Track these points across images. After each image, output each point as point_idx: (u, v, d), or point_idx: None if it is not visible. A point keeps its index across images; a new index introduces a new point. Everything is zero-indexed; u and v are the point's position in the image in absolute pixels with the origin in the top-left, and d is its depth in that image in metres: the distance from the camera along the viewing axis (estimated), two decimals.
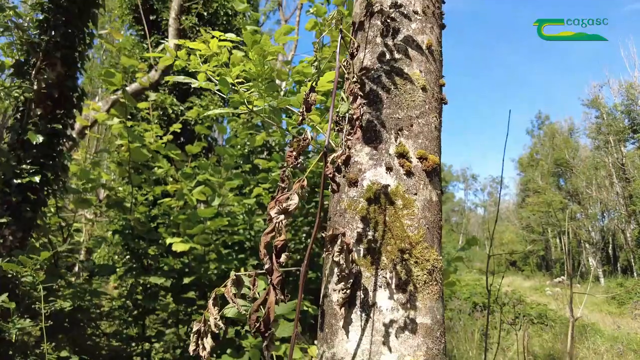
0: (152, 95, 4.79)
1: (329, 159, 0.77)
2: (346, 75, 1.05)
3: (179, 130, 4.30)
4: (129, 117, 3.79)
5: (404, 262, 1.01)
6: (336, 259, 0.96)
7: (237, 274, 0.79)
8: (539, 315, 12.16)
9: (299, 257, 3.75)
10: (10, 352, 2.33)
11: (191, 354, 0.80)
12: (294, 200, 0.71)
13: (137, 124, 3.66)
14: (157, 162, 3.56)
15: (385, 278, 0.99)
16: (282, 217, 0.71)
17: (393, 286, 0.99)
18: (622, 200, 25.69)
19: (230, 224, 3.39)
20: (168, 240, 2.79)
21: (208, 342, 0.79)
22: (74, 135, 3.96)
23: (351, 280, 0.97)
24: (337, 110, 0.84)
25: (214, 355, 3.16)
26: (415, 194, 1.09)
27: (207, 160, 4.58)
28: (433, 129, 1.20)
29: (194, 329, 0.80)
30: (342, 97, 0.85)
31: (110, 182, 3.58)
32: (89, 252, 6.14)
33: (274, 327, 0.77)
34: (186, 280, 2.96)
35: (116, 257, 4.29)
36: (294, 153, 0.83)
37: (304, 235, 3.40)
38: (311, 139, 0.80)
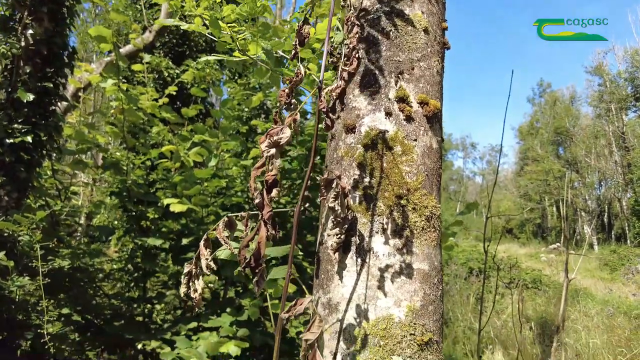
0: (147, 57, 4.66)
1: (324, 93, 0.72)
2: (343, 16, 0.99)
3: (174, 93, 4.20)
4: (123, 80, 3.70)
5: (401, 208, 0.99)
6: (331, 204, 0.93)
7: (229, 215, 0.77)
8: (533, 280, 12.41)
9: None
10: (12, 309, 2.35)
11: (182, 295, 0.79)
12: (286, 134, 0.68)
13: (132, 87, 3.58)
14: (153, 126, 3.50)
15: (382, 224, 0.97)
16: (273, 150, 0.67)
17: (389, 232, 0.97)
18: (620, 169, 25.73)
19: (228, 187, 3.37)
20: (165, 201, 2.77)
21: (199, 284, 0.78)
22: (68, 98, 3.86)
23: (346, 226, 0.95)
24: (332, 40, 0.79)
25: (215, 314, 3.21)
26: (415, 140, 1.05)
27: (204, 125, 4.52)
28: (435, 73, 1.15)
29: (185, 271, 0.78)
30: (337, 27, 0.80)
31: (107, 145, 3.53)
32: (89, 218, 6.16)
33: (267, 274, 0.75)
34: (185, 242, 2.96)
35: (116, 222, 4.30)
36: (287, 90, 0.78)
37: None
38: (305, 74, 0.76)
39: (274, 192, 0.68)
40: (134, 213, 3.03)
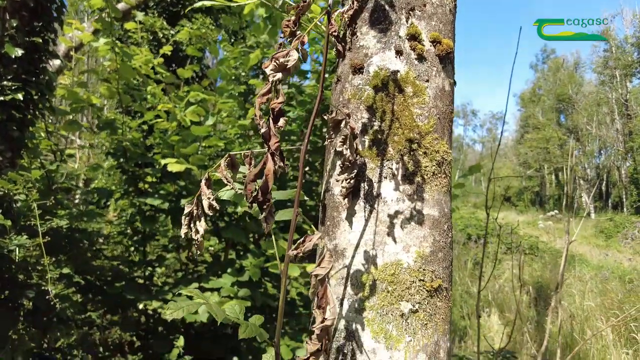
0: (140, 15, 4.48)
1: (334, 16, 0.65)
2: None
3: (169, 54, 4.07)
4: (116, 40, 3.55)
5: (411, 153, 0.93)
6: (339, 148, 0.88)
7: (231, 153, 0.71)
8: (530, 246, 12.57)
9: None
10: (13, 269, 2.34)
11: (182, 236, 0.75)
12: (293, 56, 0.62)
13: (126, 47, 3.44)
14: (147, 87, 3.39)
15: (391, 169, 0.92)
16: (279, 74, 0.61)
17: (399, 177, 0.92)
18: (621, 137, 25.60)
19: (226, 149, 3.31)
20: (163, 162, 2.72)
21: (202, 225, 0.73)
22: (60, 56, 3.73)
23: (355, 171, 0.90)
24: None
25: (216, 275, 3.23)
26: (427, 80, 0.99)
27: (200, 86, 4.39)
28: (447, 11, 1.06)
29: (186, 211, 0.73)
30: None
31: (104, 107, 3.43)
32: (87, 185, 6.12)
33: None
34: (183, 202, 2.93)
35: (114, 187, 4.26)
36: (292, 19, 0.71)
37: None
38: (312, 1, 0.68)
39: (281, 121, 0.62)
40: (131, 174, 2.98)
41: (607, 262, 12.17)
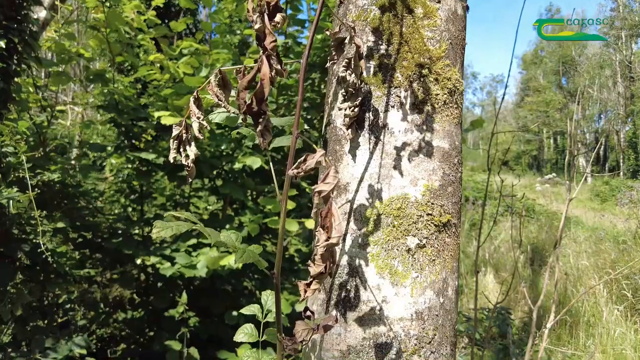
0: None
1: None
2: None
3: (161, 5, 3.87)
4: None
5: (421, 79, 0.85)
6: (342, 74, 0.80)
7: (223, 69, 0.63)
8: (527, 209, 12.65)
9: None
10: (6, 223, 2.30)
11: (171, 161, 0.68)
12: None
13: None
14: (139, 40, 3.23)
15: (399, 97, 0.85)
16: None
17: (407, 106, 0.85)
18: (623, 100, 25.30)
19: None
20: (156, 114, 2.62)
21: (192, 150, 0.67)
22: (45, 6, 3.54)
23: (359, 98, 0.82)
24: None
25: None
26: (439, 2, 0.89)
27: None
28: None
29: (174, 134, 0.66)
30: None
31: (94, 59, 3.28)
32: (82, 147, 6.02)
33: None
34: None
35: (109, 147, 4.18)
36: None
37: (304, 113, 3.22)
38: None
39: (278, 17, 0.54)
40: (124, 128, 2.89)
41: (601, 224, 12.31)
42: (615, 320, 4.75)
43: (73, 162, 2.71)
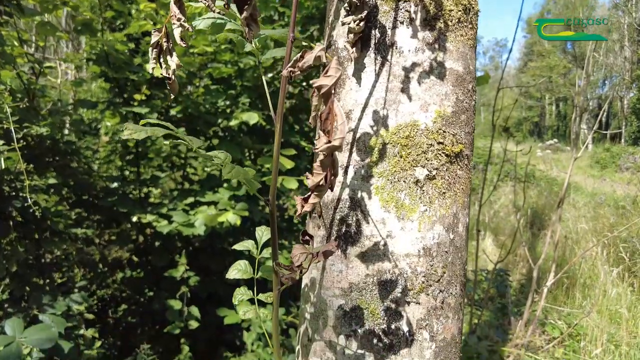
0: None
1: None
2: None
3: None
4: None
5: None
6: None
7: None
8: (526, 174, 12.60)
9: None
10: None
11: (150, 71, 0.60)
12: None
13: None
14: None
15: (409, 12, 0.75)
16: None
17: (418, 22, 0.75)
18: (629, 65, 24.77)
19: (215, 59, 3.06)
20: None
21: (173, 60, 0.58)
22: None
23: (365, 12, 0.73)
24: None
25: (212, 190, 3.14)
26: None
27: None
28: None
29: (152, 41, 0.58)
30: None
31: (82, 7, 3.10)
32: (76, 110, 5.88)
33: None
34: (173, 112, 2.76)
35: (101, 104, 4.07)
36: None
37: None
38: None
39: None
40: (115, 82, 2.77)
41: (601, 189, 12.30)
42: (612, 282, 4.80)
43: (64, 118, 2.61)
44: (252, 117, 2.62)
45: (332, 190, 0.55)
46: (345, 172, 0.75)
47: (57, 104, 3.21)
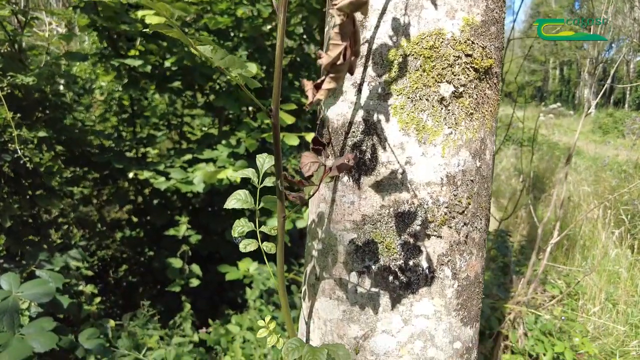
0: None
1: None
2: None
3: None
4: None
5: None
6: None
7: None
8: (528, 138, 12.47)
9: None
10: None
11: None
12: None
13: None
14: None
15: None
16: None
17: None
18: (638, 27, 24.03)
19: (210, 10, 2.89)
20: (140, 14, 2.35)
21: None
22: None
23: None
24: None
25: (211, 147, 3.05)
26: None
27: None
28: None
29: None
30: None
31: None
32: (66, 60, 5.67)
33: None
34: (168, 63, 2.62)
35: (91, 57, 3.91)
36: None
37: None
38: None
39: None
40: (106, 31, 2.62)
41: (603, 154, 12.22)
42: (613, 243, 4.81)
43: (52, 69, 2.47)
44: (251, 67, 2.49)
45: (351, 74, 0.46)
46: (359, 91, 0.65)
47: (45, 56, 3.06)
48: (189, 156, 2.84)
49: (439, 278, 0.64)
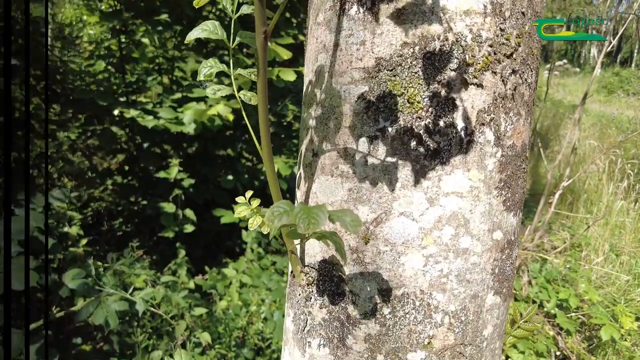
0: None
1: None
2: None
3: None
4: None
5: None
6: None
7: None
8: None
9: None
10: None
11: None
12: None
13: None
14: None
15: None
16: None
17: None
18: None
19: None
20: None
21: None
22: None
23: None
24: None
25: (201, 87, 2.86)
26: None
27: None
28: None
29: None
30: None
31: None
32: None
33: None
34: None
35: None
36: None
37: None
38: None
39: None
40: None
41: (606, 113, 11.97)
42: (617, 195, 4.74)
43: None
44: None
45: None
46: None
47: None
48: (178, 95, 2.66)
49: (477, 143, 0.49)
